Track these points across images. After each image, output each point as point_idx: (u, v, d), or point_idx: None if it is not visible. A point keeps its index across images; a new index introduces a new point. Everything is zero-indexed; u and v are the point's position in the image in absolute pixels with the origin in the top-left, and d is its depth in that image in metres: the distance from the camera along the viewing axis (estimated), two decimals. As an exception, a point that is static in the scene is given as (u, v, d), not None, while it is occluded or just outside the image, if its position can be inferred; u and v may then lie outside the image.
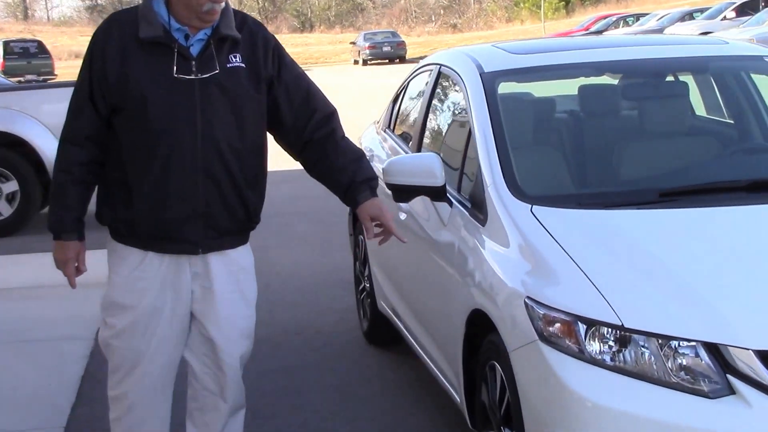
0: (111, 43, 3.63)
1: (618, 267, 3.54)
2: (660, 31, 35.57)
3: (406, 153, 5.41)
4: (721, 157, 4.48)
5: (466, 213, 4.27)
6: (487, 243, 3.99)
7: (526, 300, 3.54)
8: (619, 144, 4.41)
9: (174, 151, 3.60)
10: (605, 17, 45.59)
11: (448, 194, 4.45)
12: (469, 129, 4.54)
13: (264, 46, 3.73)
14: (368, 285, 6.06)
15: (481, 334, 3.98)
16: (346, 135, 3.87)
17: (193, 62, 3.60)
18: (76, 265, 3.77)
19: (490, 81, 4.67)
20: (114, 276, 3.77)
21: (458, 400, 4.36)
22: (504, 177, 4.13)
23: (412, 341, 5.14)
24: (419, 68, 5.94)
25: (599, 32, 38.85)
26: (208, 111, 3.60)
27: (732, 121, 5.07)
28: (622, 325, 3.28)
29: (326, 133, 3.81)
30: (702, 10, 39.03)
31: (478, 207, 4.19)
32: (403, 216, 5.00)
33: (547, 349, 3.41)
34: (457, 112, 5.02)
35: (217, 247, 3.72)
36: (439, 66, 5.39)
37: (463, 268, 4.13)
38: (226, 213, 3.70)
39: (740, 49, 5.07)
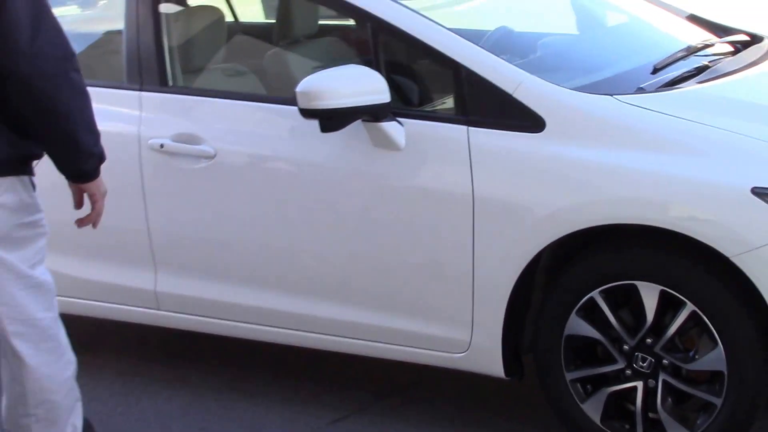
0: None
1: None
2: None
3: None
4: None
5: (467, 126, 3.45)
6: (569, 150, 3.31)
7: (757, 190, 3.10)
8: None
9: None
10: None
11: None
12: (373, 32, 3.64)
13: None
14: None
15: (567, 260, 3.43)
16: None
17: None
18: None
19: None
20: None
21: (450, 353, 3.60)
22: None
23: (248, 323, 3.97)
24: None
25: None
26: None
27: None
28: None
29: None
30: None
31: (499, 114, 3.42)
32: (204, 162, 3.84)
33: None
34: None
35: None
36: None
37: (507, 187, 3.39)
38: None
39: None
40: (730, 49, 4.05)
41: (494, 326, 3.48)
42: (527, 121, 3.37)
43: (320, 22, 4.70)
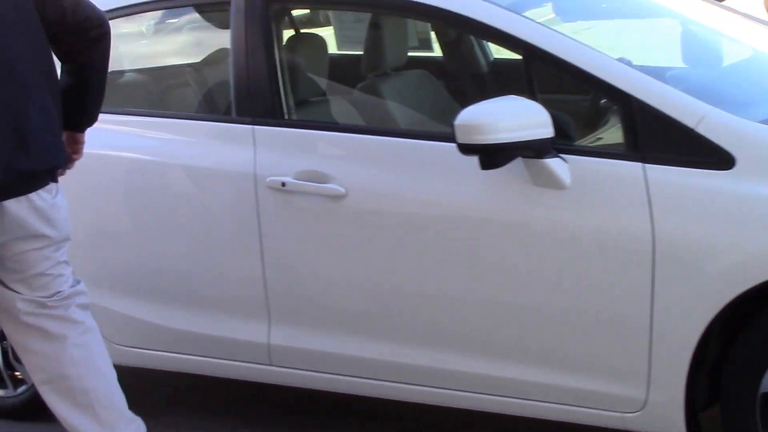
0: None
1: None
2: None
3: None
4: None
5: (642, 163, 3.15)
6: (765, 189, 3.03)
7: None
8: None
9: None
10: None
11: None
12: (527, 62, 3.37)
13: None
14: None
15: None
16: None
17: None
18: None
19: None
20: None
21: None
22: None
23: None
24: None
25: None
26: None
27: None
28: None
29: None
30: None
31: (678, 150, 3.13)
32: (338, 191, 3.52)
33: None
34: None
35: None
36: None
37: (694, 230, 3.07)
38: None
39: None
40: None
41: (675, 383, 3.15)
42: (713, 157, 3.08)
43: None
